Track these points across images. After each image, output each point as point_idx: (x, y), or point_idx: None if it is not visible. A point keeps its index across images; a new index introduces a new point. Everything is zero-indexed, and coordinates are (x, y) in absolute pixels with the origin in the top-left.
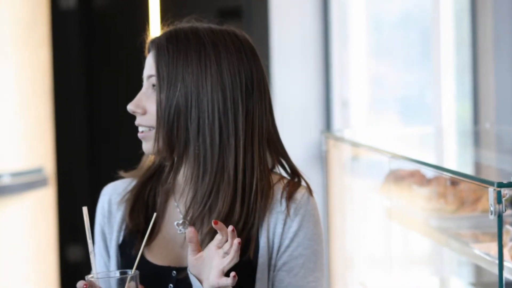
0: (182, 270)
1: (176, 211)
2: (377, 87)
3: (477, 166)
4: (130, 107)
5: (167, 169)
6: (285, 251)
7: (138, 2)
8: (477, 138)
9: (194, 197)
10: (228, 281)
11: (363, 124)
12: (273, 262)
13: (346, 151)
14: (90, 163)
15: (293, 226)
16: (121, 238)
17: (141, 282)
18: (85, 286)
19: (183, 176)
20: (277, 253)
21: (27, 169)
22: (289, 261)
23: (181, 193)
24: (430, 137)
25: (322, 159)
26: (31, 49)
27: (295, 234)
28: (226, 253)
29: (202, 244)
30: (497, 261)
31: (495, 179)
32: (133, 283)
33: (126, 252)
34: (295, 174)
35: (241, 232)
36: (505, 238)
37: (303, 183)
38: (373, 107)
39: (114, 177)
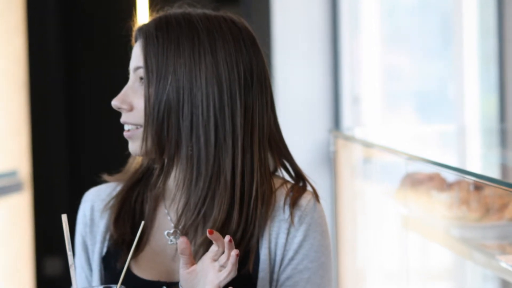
0: (173, 285)
1: (166, 220)
2: (392, 80)
3: (504, 168)
4: (115, 102)
5: (156, 172)
6: (288, 264)
7: None
8: (503, 138)
9: (186, 203)
10: None
11: (376, 122)
12: (275, 276)
13: (357, 152)
14: (70, 165)
15: (298, 236)
16: (104, 250)
17: None
18: None
19: (174, 180)
20: (280, 266)
21: None
22: (293, 275)
23: (172, 199)
24: (451, 136)
25: (330, 161)
26: (4, 37)
27: (300, 245)
28: (223, 266)
29: (195, 256)
30: None
31: None
32: None
33: (111, 265)
34: (299, 177)
35: (239, 242)
36: None
37: (308, 187)
38: (387, 103)
39: (97, 181)
